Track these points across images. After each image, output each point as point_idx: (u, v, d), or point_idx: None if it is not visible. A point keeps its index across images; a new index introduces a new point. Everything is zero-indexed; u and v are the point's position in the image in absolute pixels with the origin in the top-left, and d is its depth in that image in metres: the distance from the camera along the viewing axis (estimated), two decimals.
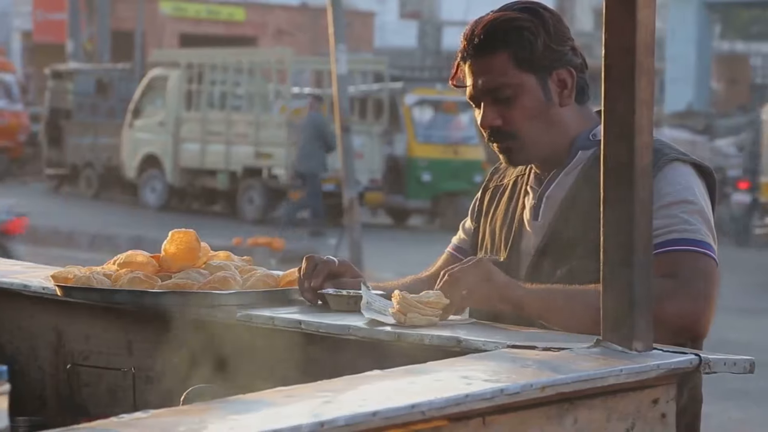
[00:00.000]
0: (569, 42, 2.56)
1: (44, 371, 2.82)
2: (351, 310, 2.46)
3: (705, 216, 2.45)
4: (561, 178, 2.56)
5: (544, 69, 2.53)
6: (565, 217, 2.52)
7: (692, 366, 2.09)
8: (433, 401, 1.75)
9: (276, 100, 19.18)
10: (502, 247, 2.60)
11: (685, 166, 2.48)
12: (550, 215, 2.54)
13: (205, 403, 1.78)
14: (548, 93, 2.54)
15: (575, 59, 2.56)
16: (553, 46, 2.53)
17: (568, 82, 2.55)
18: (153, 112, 20.00)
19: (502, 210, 2.65)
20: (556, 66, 2.54)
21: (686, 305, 2.34)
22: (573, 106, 2.57)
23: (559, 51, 2.53)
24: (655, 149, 2.43)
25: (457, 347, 2.19)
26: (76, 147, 21.49)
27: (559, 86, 2.55)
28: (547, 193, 2.56)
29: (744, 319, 11.22)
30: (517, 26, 2.52)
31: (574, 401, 1.98)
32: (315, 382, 1.87)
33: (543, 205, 2.56)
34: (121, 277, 2.53)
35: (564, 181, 2.55)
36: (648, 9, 2.09)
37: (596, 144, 2.52)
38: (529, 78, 2.52)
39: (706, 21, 25.67)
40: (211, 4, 33.39)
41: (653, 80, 2.10)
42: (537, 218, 2.56)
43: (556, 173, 2.57)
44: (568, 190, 2.54)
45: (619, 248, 2.10)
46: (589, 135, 2.56)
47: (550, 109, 2.54)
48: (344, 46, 13.50)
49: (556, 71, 2.54)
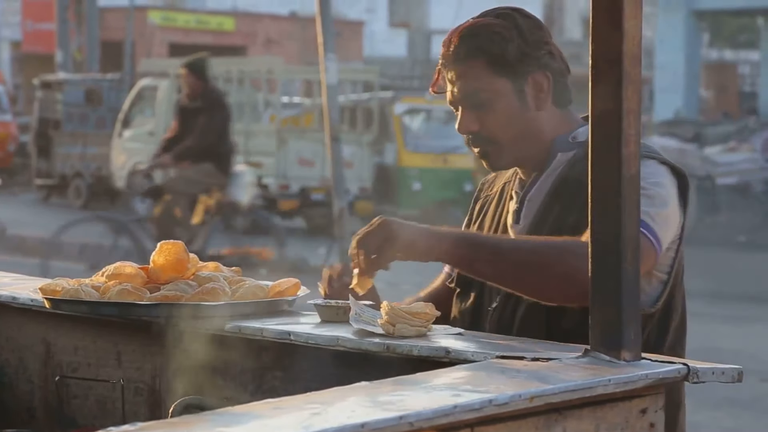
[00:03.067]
0: (546, 46, 2.58)
1: (33, 383, 2.82)
2: (340, 320, 2.46)
3: (663, 205, 2.45)
4: (541, 181, 2.59)
5: (520, 74, 2.56)
6: (542, 218, 2.56)
7: (680, 375, 2.10)
8: (422, 412, 1.76)
9: (266, 110, 19.18)
10: None
11: (658, 164, 2.51)
12: (530, 218, 2.58)
13: (194, 416, 1.78)
14: (524, 97, 2.57)
15: (553, 63, 2.59)
16: (529, 51, 2.56)
17: (545, 86, 2.57)
18: (142, 122, 19.99)
19: (489, 217, 2.69)
20: (532, 70, 2.57)
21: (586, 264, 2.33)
22: (552, 110, 2.60)
23: (535, 56, 2.56)
24: None
25: (446, 358, 2.19)
26: (66, 157, 21.45)
27: (536, 90, 2.58)
28: (528, 196, 2.60)
29: (733, 327, 11.24)
30: (492, 32, 2.56)
31: (562, 411, 1.98)
32: (303, 394, 1.87)
33: (524, 208, 2.60)
34: (110, 290, 2.53)
35: (544, 184, 2.59)
36: (634, 19, 2.10)
37: (576, 146, 2.57)
38: (504, 83, 2.56)
39: (694, 29, 25.72)
40: (200, 13, 33.40)
41: (640, 90, 2.11)
42: (518, 221, 2.60)
43: (536, 176, 2.60)
44: (546, 192, 2.57)
45: (607, 258, 2.11)
46: (569, 137, 2.59)
47: (527, 113, 2.58)
48: (334, 56, 13.51)
49: (531, 75, 2.57)
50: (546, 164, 2.59)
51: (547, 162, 2.59)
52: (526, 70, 2.56)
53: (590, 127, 2.14)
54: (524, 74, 2.56)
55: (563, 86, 2.61)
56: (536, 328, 2.47)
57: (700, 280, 13.95)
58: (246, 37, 32.85)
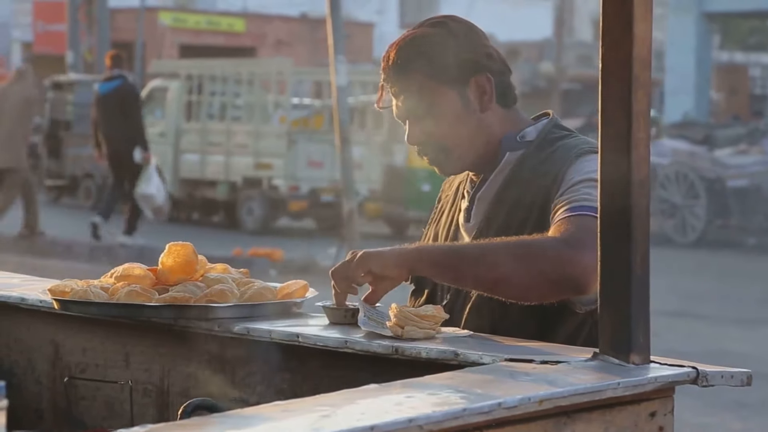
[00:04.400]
0: (483, 48, 2.62)
1: (41, 384, 2.82)
2: (348, 322, 2.46)
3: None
4: (491, 180, 2.63)
5: (461, 79, 2.60)
6: (490, 217, 2.60)
7: (689, 379, 2.09)
8: (431, 415, 1.75)
9: (276, 111, 19.18)
10: None
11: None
12: (479, 216, 2.62)
13: (203, 418, 1.78)
14: (468, 102, 2.61)
15: (492, 65, 2.62)
16: (466, 56, 2.60)
17: (487, 88, 2.61)
18: (153, 123, 19.99)
19: (445, 215, 2.74)
20: (473, 74, 2.60)
21: (568, 252, 2.37)
22: (497, 110, 2.64)
23: (474, 59, 2.60)
24: (573, 146, 2.57)
25: (455, 360, 2.19)
26: (76, 158, 21.48)
27: (479, 93, 2.62)
28: (479, 195, 2.64)
29: (743, 330, 11.22)
30: (427, 42, 2.60)
31: (571, 415, 1.98)
32: (313, 396, 1.86)
33: (474, 207, 2.64)
34: (119, 291, 2.53)
35: (494, 183, 2.63)
36: (645, 23, 2.09)
37: (524, 145, 2.62)
38: (447, 91, 2.60)
39: (705, 32, 25.69)
40: (210, 14, 33.44)
41: (650, 94, 2.11)
42: (469, 220, 2.65)
43: (486, 176, 2.64)
44: (495, 191, 2.61)
45: (616, 261, 2.10)
46: (517, 137, 2.63)
47: (472, 116, 2.62)
48: (344, 57, 13.52)
49: (473, 79, 2.61)
50: (495, 164, 2.63)
51: (496, 162, 2.63)
52: (466, 75, 2.60)
53: (600, 130, 2.14)
54: (465, 79, 2.60)
55: (506, 85, 2.65)
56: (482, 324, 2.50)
57: (709, 282, 13.93)
58: (256, 38, 32.89)
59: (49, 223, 16.37)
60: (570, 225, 2.42)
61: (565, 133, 2.65)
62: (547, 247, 2.40)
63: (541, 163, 2.57)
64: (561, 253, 2.38)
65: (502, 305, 2.49)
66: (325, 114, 18.16)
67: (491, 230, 2.57)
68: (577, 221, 2.42)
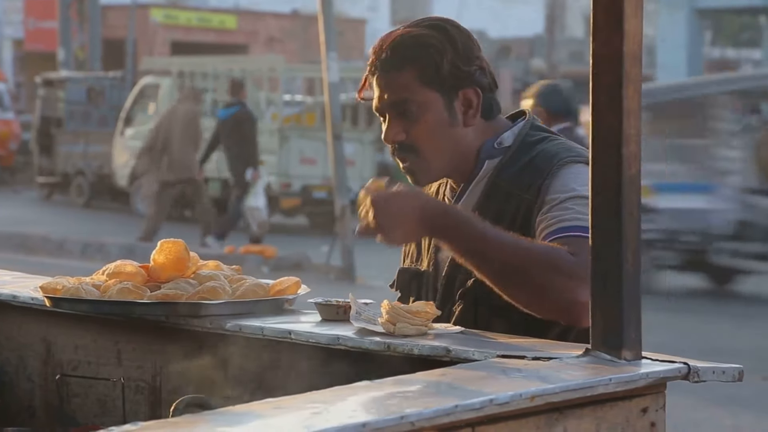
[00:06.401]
0: (477, 61, 2.56)
1: (33, 382, 2.82)
2: (340, 319, 2.46)
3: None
4: (471, 189, 2.58)
5: (450, 88, 2.54)
6: None
7: (681, 374, 2.09)
8: (423, 412, 1.75)
9: (268, 108, 19.17)
10: (425, 257, 2.64)
11: (580, 165, 2.49)
12: None
13: (195, 415, 1.78)
14: (453, 112, 2.55)
15: (483, 79, 2.57)
16: (460, 66, 2.54)
17: (474, 102, 2.56)
18: (144, 120, 19.98)
19: None
20: (463, 85, 2.55)
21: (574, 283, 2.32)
22: (479, 124, 2.58)
23: (466, 71, 2.55)
24: (553, 153, 2.52)
25: (447, 357, 2.19)
26: (68, 155, 21.46)
27: (465, 106, 2.56)
28: (459, 203, 2.58)
29: (735, 326, 11.24)
30: (424, 44, 2.53)
31: (563, 411, 1.98)
32: (304, 393, 1.87)
33: None
34: (110, 288, 2.53)
35: (474, 192, 2.58)
36: (635, 19, 2.09)
37: (501, 152, 2.57)
38: (434, 96, 2.54)
39: (696, 28, 25.71)
40: (202, 11, 33.41)
41: (640, 90, 2.11)
42: None
43: (466, 185, 2.59)
44: (476, 200, 2.56)
45: (608, 258, 2.11)
46: (494, 143, 2.58)
47: (454, 128, 2.56)
48: (335, 54, 13.51)
49: (462, 91, 2.55)
50: (474, 173, 2.58)
51: (475, 170, 2.58)
52: (457, 85, 2.54)
53: (591, 127, 2.14)
54: (455, 89, 2.54)
55: (491, 101, 2.59)
56: None
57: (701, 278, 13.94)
58: (248, 35, 32.86)
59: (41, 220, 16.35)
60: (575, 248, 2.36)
61: (543, 135, 2.59)
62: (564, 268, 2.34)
63: (521, 171, 2.52)
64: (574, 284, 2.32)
65: (488, 315, 2.46)
66: (317, 111, 18.14)
67: None
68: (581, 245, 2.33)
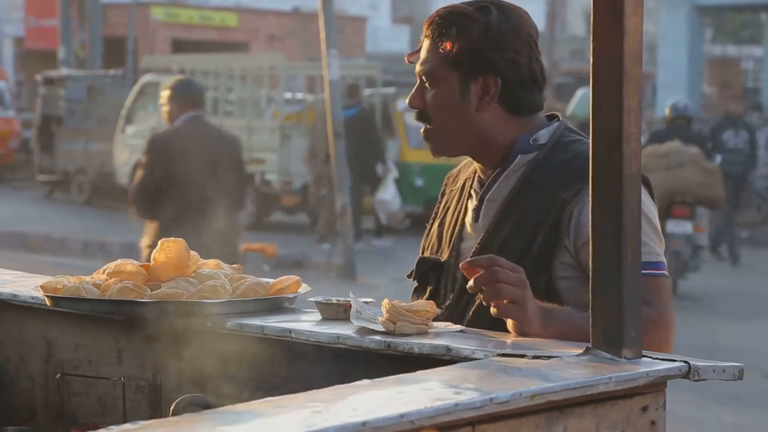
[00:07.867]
0: (511, 53, 2.55)
1: (34, 381, 2.82)
2: (341, 318, 2.46)
3: (653, 225, 2.49)
4: (501, 181, 2.60)
5: (470, 71, 2.56)
6: (502, 219, 2.56)
7: (681, 373, 2.10)
8: (423, 411, 1.75)
9: (268, 106, 19.17)
10: (446, 248, 2.65)
11: None
12: (489, 217, 2.59)
13: (196, 414, 1.78)
14: (466, 94, 2.58)
15: (511, 71, 2.56)
16: (487, 53, 2.55)
17: (491, 90, 2.57)
18: (145, 118, 19.98)
19: (450, 213, 2.70)
20: (483, 71, 2.56)
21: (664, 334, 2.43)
22: (499, 114, 2.58)
23: (493, 59, 2.55)
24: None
25: (447, 356, 2.19)
26: (68, 153, 21.45)
27: (481, 92, 2.58)
28: (488, 195, 2.60)
29: (736, 324, 11.24)
30: (454, 22, 2.57)
31: (563, 409, 1.98)
32: (304, 392, 1.87)
33: (483, 207, 2.60)
34: (111, 287, 2.53)
35: (504, 184, 2.59)
36: (636, 17, 2.09)
37: (537, 148, 2.58)
38: (449, 73, 2.58)
39: (697, 25, 25.68)
40: (203, 9, 33.39)
41: (641, 88, 2.11)
42: (478, 220, 2.61)
43: (496, 176, 2.60)
44: (507, 193, 2.58)
45: (608, 256, 2.11)
46: (530, 139, 2.59)
47: (465, 109, 2.59)
48: (336, 52, 13.51)
49: (483, 77, 2.57)
50: (505, 164, 2.59)
51: (506, 162, 2.59)
52: (477, 70, 2.56)
53: (591, 125, 2.14)
54: (474, 73, 2.56)
55: (520, 95, 2.58)
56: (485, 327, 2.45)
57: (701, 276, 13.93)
58: (249, 33, 32.85)
59: (42, 218, 16.35)
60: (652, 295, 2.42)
61: (576, 137, 2.61)
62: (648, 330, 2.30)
63: (557, 170, 2.53)
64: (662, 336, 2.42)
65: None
66: (318, 109, 18.14)
67: (501, 231, 2.54)
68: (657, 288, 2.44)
